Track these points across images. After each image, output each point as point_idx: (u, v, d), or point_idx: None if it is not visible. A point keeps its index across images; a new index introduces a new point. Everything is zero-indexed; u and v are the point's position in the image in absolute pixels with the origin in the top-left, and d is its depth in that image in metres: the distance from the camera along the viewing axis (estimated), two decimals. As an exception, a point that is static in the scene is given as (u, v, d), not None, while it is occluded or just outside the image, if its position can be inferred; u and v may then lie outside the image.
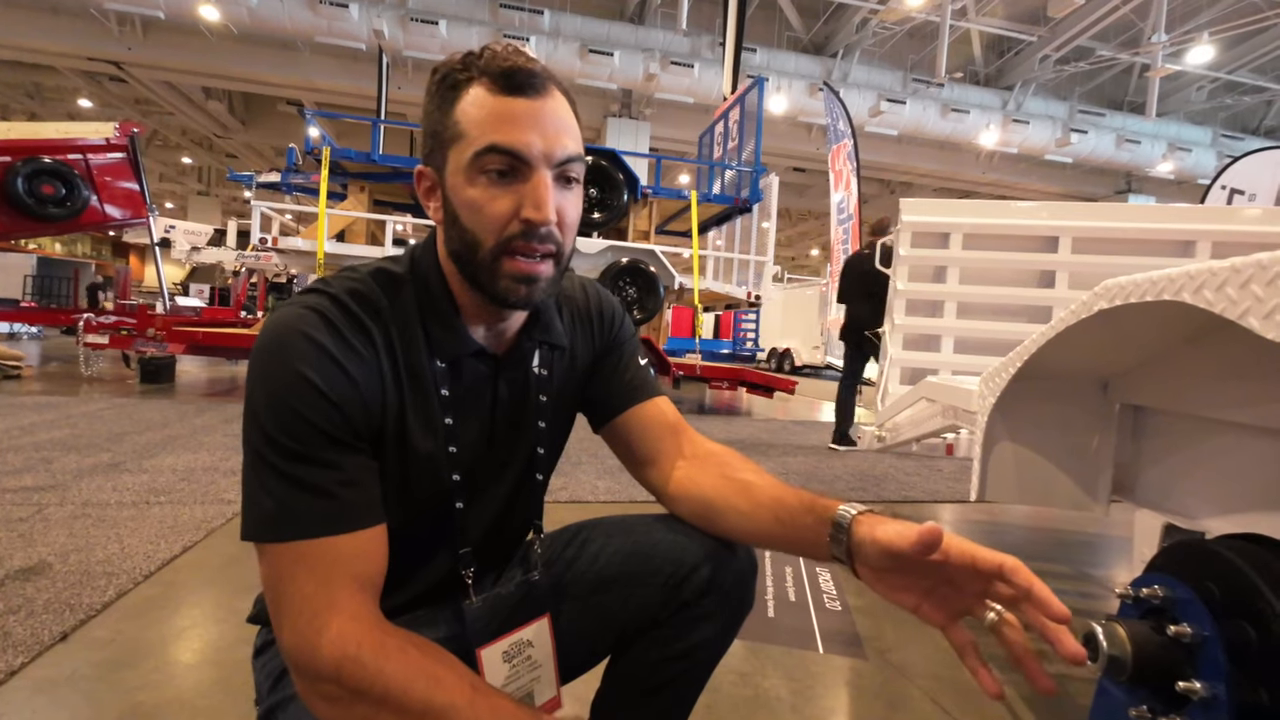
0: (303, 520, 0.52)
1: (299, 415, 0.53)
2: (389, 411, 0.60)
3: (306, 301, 0.58)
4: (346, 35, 9.26)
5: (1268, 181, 6.05)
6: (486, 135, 0.55)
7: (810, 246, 25.06)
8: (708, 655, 0.73)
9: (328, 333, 0.56)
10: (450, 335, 0.63)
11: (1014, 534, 2.63)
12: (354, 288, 0.60)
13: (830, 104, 7.40)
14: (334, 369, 0.55)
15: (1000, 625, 0.50)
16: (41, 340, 10.73)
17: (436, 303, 0.63)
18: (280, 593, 0.52)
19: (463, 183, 0.57)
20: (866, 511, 0.57)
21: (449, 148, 0.57)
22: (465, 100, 0.56)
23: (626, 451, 0.78)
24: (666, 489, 0.74)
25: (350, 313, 0.58)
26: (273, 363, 0.54)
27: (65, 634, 1.32)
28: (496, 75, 0.55)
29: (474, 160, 0.56)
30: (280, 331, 0.55)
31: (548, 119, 0.57)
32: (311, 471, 0.53)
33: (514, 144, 0.55)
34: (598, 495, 2.67)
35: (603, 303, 0.80)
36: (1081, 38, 10.84)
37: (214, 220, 17.63)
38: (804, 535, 0.61)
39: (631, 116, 12.05)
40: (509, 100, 0.56)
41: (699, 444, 0.76)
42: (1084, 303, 0.84)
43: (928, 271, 2.29)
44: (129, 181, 7.08)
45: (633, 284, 5.90)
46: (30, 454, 2.79)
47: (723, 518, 0.69)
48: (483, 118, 0.55)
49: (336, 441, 0.55)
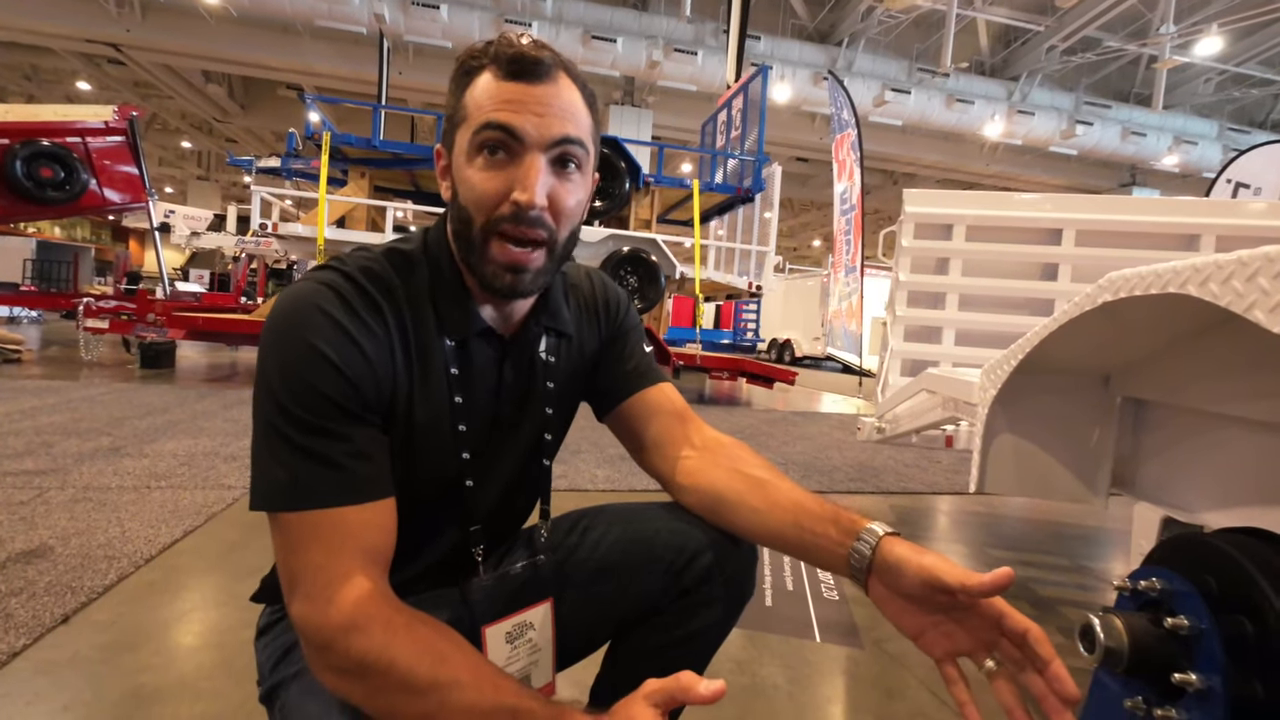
0: (315, 491, 0.53)
1: (312, 388, 0.53)
2: (399, 388, 0.61)
3: (321, 278, 0.59)
4: (347, 19, 9.16)
5: (1274, 176, 6.00)
6: (485, 113, 0.57)
7: (812, 237, 24.98)
8: (708, 641, 0.74)
9: (341, 308, 0.56)
10: (459, 313, 0.64)
11: (1012, 526, 2.64)
12: (367, 266, 0.61)
13: (834, 93, 7.33)
14: (347, 343, 0.56)
15: (998, 676, 0.51)
16: (41, 324, 10.72)
17: (447, 281, 0.64)
18: (292, 563, 0.53)
19: (464, 161, 0.59)
20: (894, 533, 0.58)
21: (457, 129, 0.60)
22: (475, 85, 0.58)
23: (631, 437, 0.78)
24: (674, 477, 0.74)
25: (363, 290, 0.59)
26: (287, 336, 0.55)
27: (67, 616, 1.33)
28: (503, 61, 0.57)
29: (473, 138, 0.57)
30: (295, 306, 0.56)
31: (547, 102, 0.57)
32: (324, 443, 0.54)
33: (507, 120, 0.56)
34: (597, 484, 2.67)
35: (608, 292, 0.80)
36: (1089, 28, 10.72)
37: (214, 205, 17.59)
38: (821, 544, 0.61)
39: (634, 104, 11.96)
40: (511, 84, 0.57)
41: (707, 433, 0.76)
42: (1088, 295, 0.83)
43: (930, 263, 2.28)
44: (128, 165, 7.03)
45: (634, 273, 5.88)
46: (31, 438, 2.80)
47: (734, 512, 0.69)
48: (484, 99, 0.57)
49: (348, 414, 0.55)
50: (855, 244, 6.99)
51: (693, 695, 0.46)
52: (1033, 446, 1.17)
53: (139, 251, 21.52)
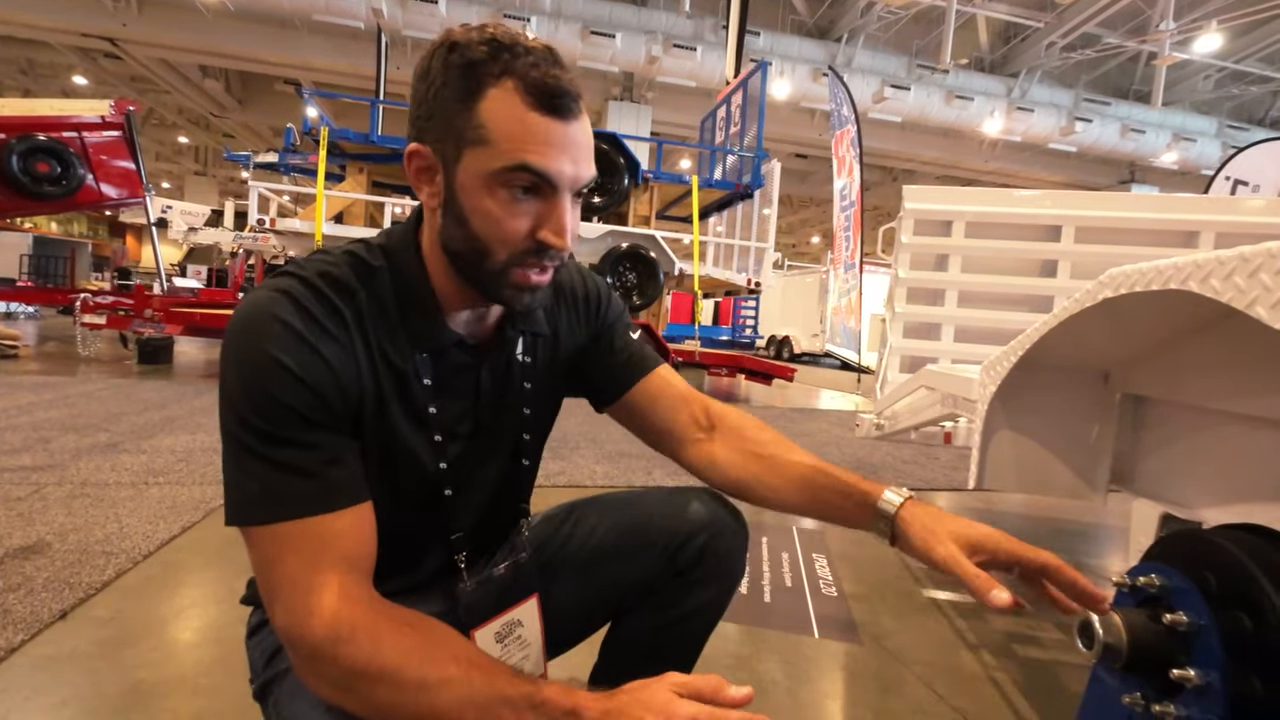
0: (287, 501, 0.52)
1: (273, 398, 0.52)
2: (366, 395, 0.59)
3: (277, 284, 0.57)
4: (345, 13, 9.11)
5: (1272, 173, 6.00)
6: (519, 153, 0.53)
7: (811, 234, 24.95)
8: (702, 621, 0.77)
9: (299, 316, 0.55)
10: (430, 327, 0.62)
11: (1011, 522, 2.64)
12: (326, 270, 0.59)
13: (834, 89, 7.31)
14: (306, 351, 0.54)
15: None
16: (38, 320, 10.69)
17: (414, 293, 0.62)
18: (270, 576, 0.52)
19: (481, 189, 0.55)
20: (909, 499, 0.63)
21: (467, 146, 0.54)
22: (494, 101, 0.53)
23: (638, 426, 0.79)
24: (691, 463, 0.77)
25: (322, 294, 0.57)
26: (244, 347, 0.54)
27: (65, 612, 1.32)
28: (534, 87, 0.53)
29: (500, 173, 0.54)
30: (251, 315, 0.54)
31: (580, 145, 0.56)
32: (291, 453, 0.53)
33: (548, 169, 0.54)
34: (595, 480, 2.67)
35: (587, 285, 0.79)
36: (1088, 25, 10.70)
37: (211, 201, 17.50)
38: (840, 515, 0.68)
39: (633, 100, 11.92)
40: (546, 121, 0.54)
41: (713, 410, 0.78)
42: (1088, 291, 0.83)
43: (930, 259, 2.28)
44: (125, 160, 6.99)
45: (633, 269, 5.88)
46: (28, 433, 2.79)
47: (752, 494, 0.74)
48: (517, 133, 0.53)
49: (312, 423, 0.54)
50: (854, 240, 6.99)
51: (724, 697, 0.47)
52: (1032, 443, 1.17)
53: (136, 247, 21.45)
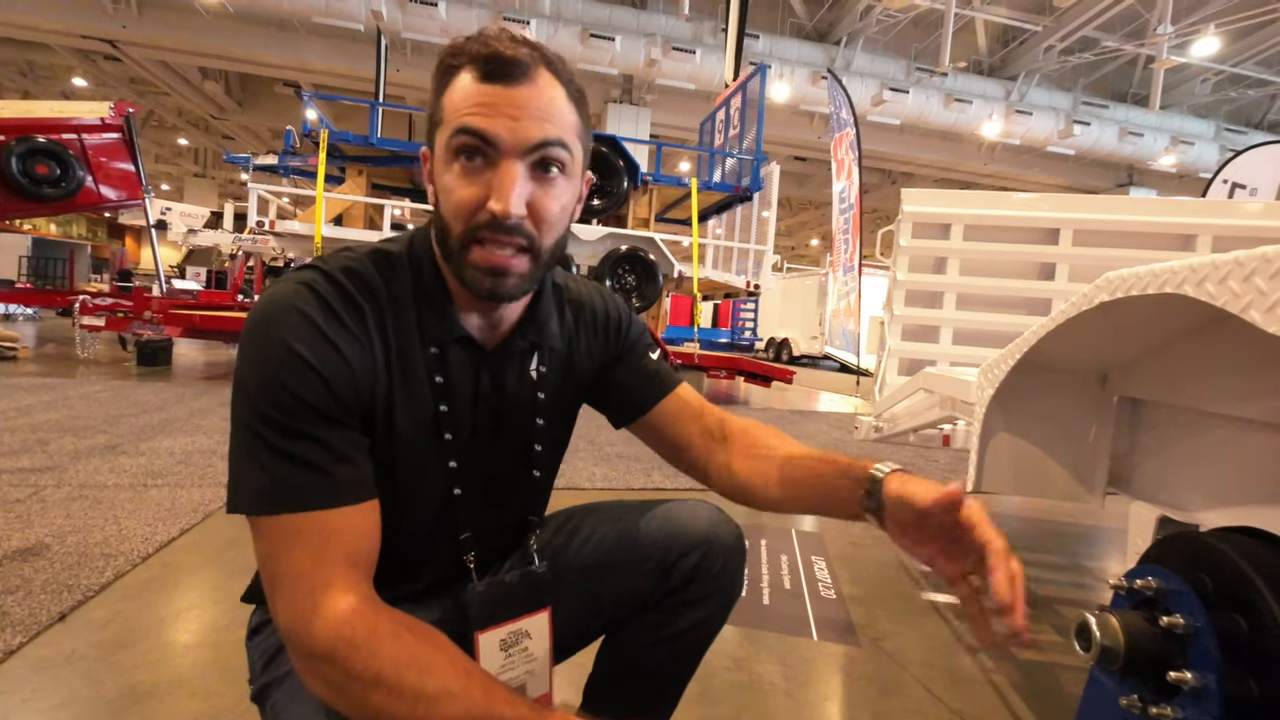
0: (296, 494, 0.52)
1: (289, 390, 0.53)
2: (379, 392, 0.59)
3: (301, 278, 0.57)
4: (344, 15, 9.12)
5: (1270, 176, 6.01)
6: (459, 117, 0.55)
7: (810, 236, 24.96)
8: (696, 640, 0.75)
9: (320, 309, 0.55)
10: (439, 319, 0.62)
11: (1009, 525, 2.64)
12: (349, 266, 0.60)
13: (833, 92, 7.32)
14: (325, 345, 0.55)
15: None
16: (37, 321, 10.68)
17: (430, 286, 0.62)
18: (273, 568, 0.52)
19: (442, 167, 0.57)
20: (897, 470, 0.61)
21: (436, 131, 0.58)
22: (453, 86, 0.56)
23: (658, 443, 0.80)
24: (706, 477, 0.77)
25: (344, 291, 0.58)
26: (264, 338, 0.54)
27: (63, 614, 1.32)
28: (479, 60, 0.55)
29: (448, 142, 0.56)
30: (273, 307, 0.55)
31: (523, 105, 0.55)
32: (303, 446, 0.53)
33: (484, 128, 0.54)
34: (594, 482, 2.67)
35: (609, 306, 0.80)
36: (1087, 28, 10.73)
37: (210, 203, 17.49)
38: (839, 496, 0.66)
39: (632, 103, 11.93)
40: (486, 86, 0.55)
41: (724, 424, 0.79)
42: (1085, 295, 0.83)
43: (928, 262, 2.29)
44: (124, 162, 6.99)
45: (631, 272, 5.88)
46: (27, 435, 2.79)
47: (764, 499, 0.73)
48: (460, 101, 0.55)
49: (327, 417, 0.54)
50: (853, 243, 6.98)
51: None
52: (1030, 445, 1.18)
53: (135, 249, 21.44)
